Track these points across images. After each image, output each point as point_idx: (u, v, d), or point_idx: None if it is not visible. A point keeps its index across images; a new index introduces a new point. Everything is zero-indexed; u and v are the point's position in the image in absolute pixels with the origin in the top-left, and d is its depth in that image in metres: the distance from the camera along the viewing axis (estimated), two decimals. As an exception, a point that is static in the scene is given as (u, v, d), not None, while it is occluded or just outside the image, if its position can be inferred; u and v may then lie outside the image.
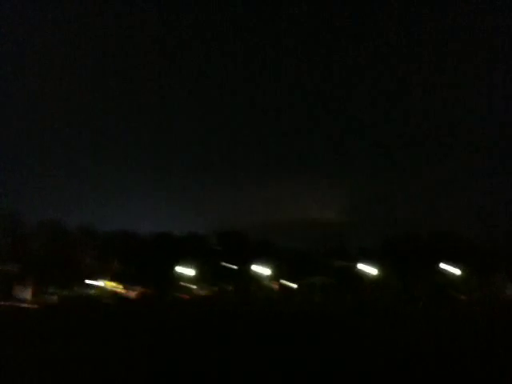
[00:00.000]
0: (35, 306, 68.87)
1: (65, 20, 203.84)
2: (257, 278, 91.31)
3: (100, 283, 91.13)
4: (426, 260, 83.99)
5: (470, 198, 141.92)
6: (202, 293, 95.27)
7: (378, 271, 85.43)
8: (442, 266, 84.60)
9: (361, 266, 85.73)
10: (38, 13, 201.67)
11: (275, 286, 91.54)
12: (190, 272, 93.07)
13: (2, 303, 69.48)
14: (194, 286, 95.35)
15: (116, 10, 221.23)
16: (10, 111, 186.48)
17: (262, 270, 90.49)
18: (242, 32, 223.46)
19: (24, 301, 75.99)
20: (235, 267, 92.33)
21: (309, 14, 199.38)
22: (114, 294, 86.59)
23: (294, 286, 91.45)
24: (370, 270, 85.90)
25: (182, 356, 19.10)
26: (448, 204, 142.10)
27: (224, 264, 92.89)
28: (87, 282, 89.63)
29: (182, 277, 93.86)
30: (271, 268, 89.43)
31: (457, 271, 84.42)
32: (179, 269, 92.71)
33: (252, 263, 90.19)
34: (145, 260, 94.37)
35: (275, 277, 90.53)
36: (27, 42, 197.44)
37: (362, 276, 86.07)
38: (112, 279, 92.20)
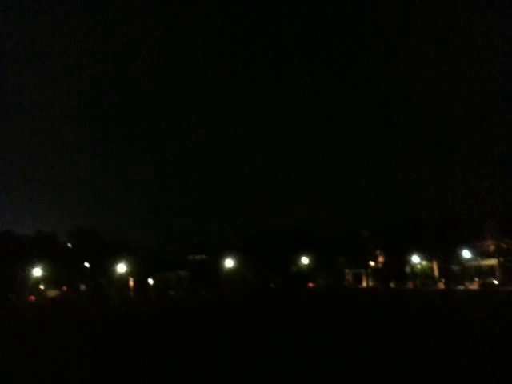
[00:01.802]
0: None
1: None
2: (112, 275, 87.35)
3: None
4: (281, 252, 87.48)
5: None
6: (51, 294, 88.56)
7: (236, 264, 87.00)
8: (295, 256, 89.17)
9: (219, 260, 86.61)
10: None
11: (131, 284, 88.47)
12: (37, 272, 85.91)
13: None
14: (42, 287, 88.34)
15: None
16: None
17: (118, 267, 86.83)
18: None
19: None
20: (88, 265, 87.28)
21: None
22: None
23: (151, 281, 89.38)
24: (228, 263, 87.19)
25: None
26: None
27: (76, 263, 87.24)
28: None
29: (29, 277, 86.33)
30: (128, 265, 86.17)
31: (305, 261, 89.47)
32: (26, 269, 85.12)
33: (107, 261, 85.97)
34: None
35: (132, 273, 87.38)
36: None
37: (219, 269, 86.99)
38: None
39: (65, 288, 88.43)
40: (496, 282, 70.89)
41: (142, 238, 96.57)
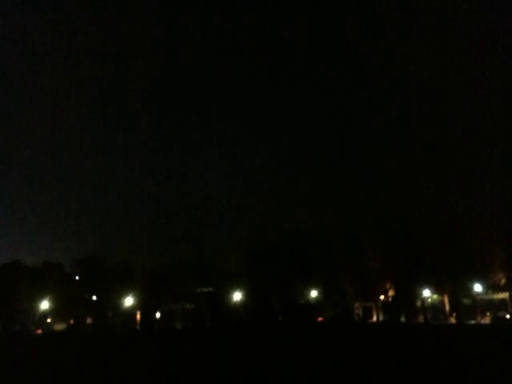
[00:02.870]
0: None
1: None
2: (119, 308, 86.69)
3: None
4: (285, 280, 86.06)
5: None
6: (58, 327, 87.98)
7: (242, 295, 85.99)
8: (304, 288, 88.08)
9: (224, 292, 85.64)
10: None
11: (138, 316, 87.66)
12: (44, 304, 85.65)
13: None
14: (49, 320, 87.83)
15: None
16: None
17: (125, 299, 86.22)
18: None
19: None
20: (94, 297, 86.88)
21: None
22: None
23: (158, 314, 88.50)
24: (234, 295, 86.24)
25: None
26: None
27: (82, 295, 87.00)
28: None
29: (36, 310, 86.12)
30: (133, 296, 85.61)
31: (314, 293, 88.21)
32: (33, 301, 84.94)
33: (114, 292, 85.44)
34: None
35: (138, 306, 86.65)
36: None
37: (225, 300, 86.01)
38: None
39: (71, 321, 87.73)
40: (508, 315, 69.74)
41: (148, 264, 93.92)
